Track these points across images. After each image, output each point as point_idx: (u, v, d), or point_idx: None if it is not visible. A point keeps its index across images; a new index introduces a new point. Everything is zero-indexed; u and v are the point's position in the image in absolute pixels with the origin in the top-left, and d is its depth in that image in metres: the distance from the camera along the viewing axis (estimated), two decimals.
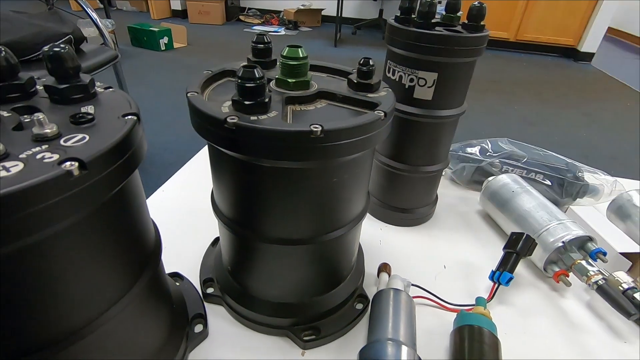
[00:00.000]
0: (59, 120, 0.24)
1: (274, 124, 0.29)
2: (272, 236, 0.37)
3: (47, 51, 0.26)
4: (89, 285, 0.26)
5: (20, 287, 0.22)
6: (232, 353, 0.41)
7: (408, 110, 0.51)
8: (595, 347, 0.44)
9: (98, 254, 0.26)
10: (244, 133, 0.28)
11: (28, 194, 0.18)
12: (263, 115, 0.30)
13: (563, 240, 0.49)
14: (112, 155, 0.23)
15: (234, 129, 0.28)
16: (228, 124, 0.28)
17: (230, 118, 0.28)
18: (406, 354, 0.35)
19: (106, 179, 0.23)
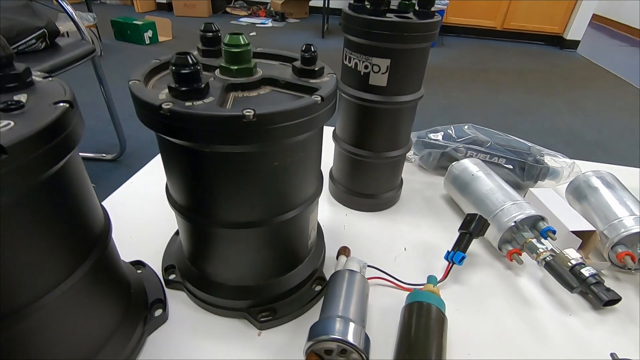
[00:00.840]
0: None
1: (208, 109, 0.30)
2: (223, 220, 0.38)
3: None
4: (26, 266, 0.26)
5: None
6: (192, 336, 0.42)
7: (365, 97, 0.52)
8: (543, 320, 0.46)
9: (34, 236, 0.26)
10: (179, 118, 0.29)
11: None
12: (198, 101, 0.30)
13: (515, 220, 0.51)
14: (36, 140, 0.23)
15: (169, 114, 0.29)
16: (163, 110, 0.29)
17: (165, 104, 0.29)
18: (353, 330, 0.36)
19: (32, 163, 0.23)
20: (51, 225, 0.28)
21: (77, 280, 0.30)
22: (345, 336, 0.35)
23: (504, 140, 0.69)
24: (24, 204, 0.25)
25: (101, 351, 0.35)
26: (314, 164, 0.40)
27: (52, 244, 0.28)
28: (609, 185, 0.58)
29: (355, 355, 0.35)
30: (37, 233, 0.27)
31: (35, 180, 0.24)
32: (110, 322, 0.36)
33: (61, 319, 0.30)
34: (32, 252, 0.26)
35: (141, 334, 0.39)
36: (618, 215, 0.53)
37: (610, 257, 0.52)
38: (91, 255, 0.32)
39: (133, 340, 0.38)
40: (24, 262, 0.26)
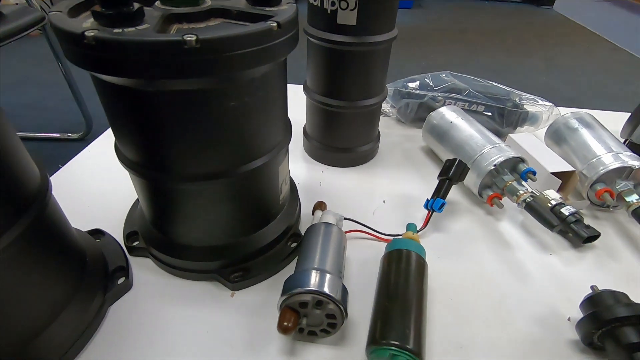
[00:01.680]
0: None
1: (141, 35, 0.25)
2: (180, 174, 0.34)
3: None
4: None
5: None
6: (160, 302, 0.39)
7: (334, 39, 0.48)
8: (523, 261, 0.45)
9: None
10: (106, 48, 0.25)
11: None
12: (130, 28, 0.26)
13: (495, 163, 0.49)
14: None
15: (94, 44, 0.25)
16: (87, 39, 0.25)
17: (89, 32, 0.25)
18: (329, 281, 0.34)
19: None
20: None
21: (10, 243, 0.26)
22: (321, 288, 0.33)
23: (483, 86, 0.67)
24: None
25: (54, 322, 0.32)
26: (278, 107, 0.37)
27: None
28: (588, 125, 0.57)
29: (331, 306, 0.33)
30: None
31: None
32: (61, 291, 0.33)
33: None
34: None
35: (101, 303, 0.36)
36: (597, 153, 0.52)
37: (589, 195, 0.52)
38: (26, 215, 0.28)
39: (91, 310, 0.35)
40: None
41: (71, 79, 1.46)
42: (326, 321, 0.34)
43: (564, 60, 2.59)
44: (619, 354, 0.32)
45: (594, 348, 0.35)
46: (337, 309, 0.33)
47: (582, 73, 2.35)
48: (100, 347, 0.35)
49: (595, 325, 0.33)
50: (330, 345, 0.36)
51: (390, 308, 0.34)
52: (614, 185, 0.50)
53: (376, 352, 0.31)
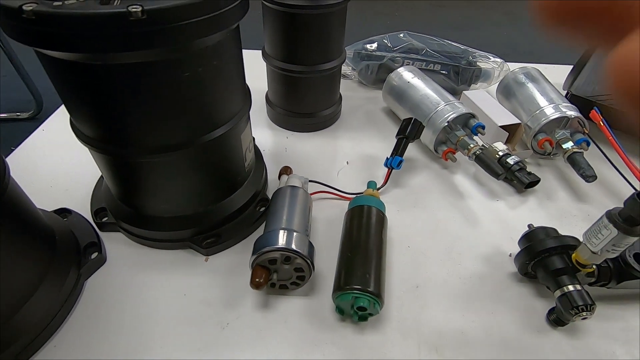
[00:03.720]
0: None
1: (84, 7, 0.25)
2: (141, 147, 0.35)
3: None
4: None
5: None
6: (135, 273, 0.41)
7: (290, 2, 0.47)
8: (474, 208, 0.50)
9: None
10: (47, 22, 0.24)
11: None
12: (71, 0, 0.25)
13: (448, 120, 0.52)
14: None
15: (34, 18, 0.24)
16: (26, 13, 0.24)
17: (27, 5, 0.24)
18: (296, 238, 0.37)
19: None
20: None
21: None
22: (289, 245, 0.36)
23: (439, 45, 0.69)
24: None
25: (29, 300, 0.33)
26: (234, 75, 0.37)
27: None
28: (534, 79, 0.61)
29: (299, 261, 0.36)
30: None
31: None
32: (32, 270, 0.33)
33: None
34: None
35: (76, 278, 0.37)
36: (540, 105, 0.56)
37: (532, 145, 0.56)
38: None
39: (67, 285, 0.36)
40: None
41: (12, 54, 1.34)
42: (295, 275, 0.37)
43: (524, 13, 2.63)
44: (547, 279, 0.37)
45: (528, 277, 0.41)
46: (305, 263, 0.36)
47: None
48: (80, 319, 0.37)
49: (528, 257, 0.38)
50: (301, 296, 0.39)
51: (353, 258, 0.38)
52: (553, 134, 0.55)
53: (341, 297, 0.35)
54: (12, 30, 0.26)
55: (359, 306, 0.34)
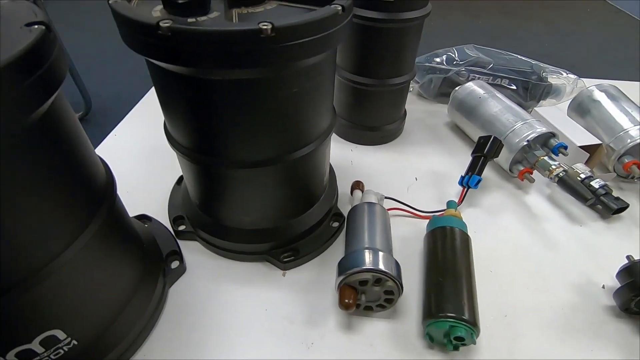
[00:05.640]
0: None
1: (216, 24, 0.25)
2: (235, 160, 0.35)
3: None
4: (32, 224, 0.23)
5: None
6: (214, 283, 0.41)
7: (370, 16, 0.47)
8: (555, 232, 0.47)
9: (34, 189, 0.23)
10: (182, 38, 0.24)
11: None
12: (202, 17, 0.25)
13: (528, 139, 0.50)
14: (18, 69, 0.19)
15: (170, 34, 0.24)
16: (162, 29, 0.24)
17: (164, 22, 0.24)
18: (383, 258, 0.36)
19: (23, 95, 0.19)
20: (50, 177, 0.24)
21: (91, 237, 0.27)
22: (377, 266, 0.35)
23: (506, 60, 0.67)
24: (18, 151, 0.21)
25: (128, 305, 0.33)
26: (330, 91, 0.37)
27: (55, 198, 0.24)
28: (613, 97, 0.58)
29: (390, 283, 0.35)
30: (36, 186, 0.23)
31: (25, 120, 0.20)
32: (131, 277, 0.34)
33: (82, 277, 0.28)
34: (34, 207, 0.23)
35: (163, 286, 0.38)
36: (623, 126, 0.53)
37: (616, 168, 0.53)
38: (100, 210, 0.28)
39: (157, 292, 0.36)
40: (30, 221, 0.23)
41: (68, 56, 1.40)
42: (384, 297, 0.36)
43: (565, 23, 2.55)
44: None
45: (629, 313, 0.38)
46: (395, 285, 0.35)
47: (584, 37, 2.32)
48: (165, 327, 0.37)
49: (634, 292, 0.36)
50: (385, 319, 0.38)
51: (443, 282, 0.36)
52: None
53: (434, 325, 0.34)
54: (141, 45, 0.27)
55: (456, 336, 0.33)
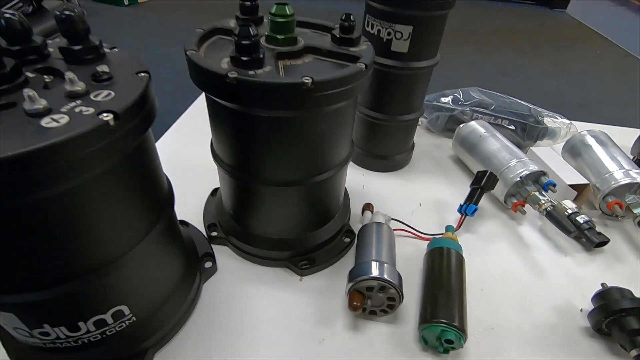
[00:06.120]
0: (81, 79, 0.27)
1: (270, 77, 0.33)
2: (268, 179, 0.42)
3: (59, 14, 0.29)
4: (119, 223, 0.30)
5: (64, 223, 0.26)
6: (240, 284, 0.47)
7: (386, 63, 0.55)
8: (542, 260, 0.53)
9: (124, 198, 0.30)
10: (244, 86, 0.32)
11: (78, 140, 0.22)
12: (259, 70, 0.33)
13: (520, 176, 0.56)
14: (136, 108, 0.26)
15: (235, 83, 0.32)
16: (229, 79, 0.32)
17: (231, 73, 0.32)
18: (387, 269, 0.42)
19: (133, 129, 0.27)
20: (136, 187, 0.31)
21: (156, 235, 0.34)
22: (382, 275, 0.41)
23: (507, 103, 0.74)
24: (119, 169, 0.28)
25: (173, 294, 0.40)
26: (350, 128, 0.44)
27: (137, 203, 0.32)
28: (602, 142, 0.64)
29: (392, 291, 0.41)
30: (125, 196, 0.30)
31: (132, 146, 0.28)
32: (177, 270, 0.41)
33: (145, 266, 0.35)
34: (119, 212, 0.30)
35: (199, 281, 0.44)
36: (609, 169, 0.59)
37: (601, 206, 0.59)
38: (164, 214, 0.36)
39: (194, 286, 0.43)
40: (115, 221, 0.30)
41: None
42: (386, 303, 0.42)
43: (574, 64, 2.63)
44: (622, 338, 0.40)
45: (602, 333, 0.43)
46: (397, 293, 0.41)
47: (592, 78, 2.39)
48: (200, 316, 0.43)
49: (604, 314, 0.41)
50: (386, 323, 0.44)
51: (438, 294, 0.42)
52: (623, 198, 0.57)
53: (428, 329, 0.39)
54: (208, 87, 0.35)
55: (446, 339, 0.38)
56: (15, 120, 0.23)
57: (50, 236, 0.26)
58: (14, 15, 0.28)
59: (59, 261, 0.28)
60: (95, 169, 0.25)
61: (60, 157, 0.22)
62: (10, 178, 0.21)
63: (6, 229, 0.24)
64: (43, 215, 0.25)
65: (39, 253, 0.27)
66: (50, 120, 0.23)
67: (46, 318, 0.30)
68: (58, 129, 0.22)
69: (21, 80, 0.26)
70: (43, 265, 0.27)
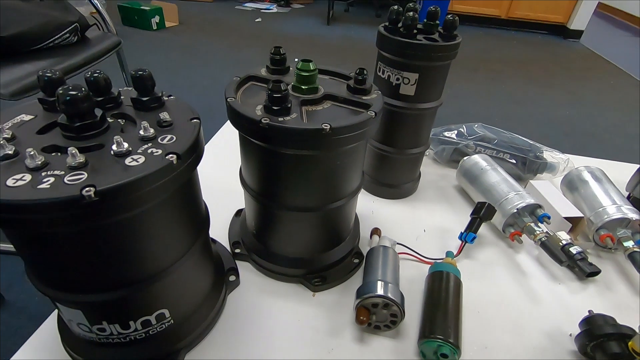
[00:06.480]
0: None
1: (296, 123, 0.40)
2: (289, 205, 0.48)
3: (134, 74, 0.36)
4: (169, 241, 0.37)
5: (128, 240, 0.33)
6: (259, 297, 0.53)
7: (395, 104, 0.62)
8: (537, 287, 0.57)
9: (175, 220, 0.37)
10: (274, 130, 0.39)
11: (152, 176, 0.29)
12: (287, 117, 0.41)
13: (517, 207, 0.61)
14: (192, 149, 0.34)
15: (267, 127, 0.39)
16: (262, 124, 0.39)
17: (264, 119, 0.39)
18: (391, 289, 0.47)
19: (188, 167, 0.34)
20: (184, 211, 0.38)
21: (195, 251, 0.41)
22: (386, 293, 0.46)
23: (509, 138, 0.80)
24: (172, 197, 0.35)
25: (204, 303, 0.46)
26: (361, 162, 0.51)
27: (184, 225, 0.38)
28: (597, 179, 0.69)
29: (395, 308, 0.46)
30: (176, 218, 0.37)
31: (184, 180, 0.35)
32: (209, 281, 0.47)
33: (185, 277, 0.41)
34: (170, 232, 0.37)
35: (224, 292, 0.50)
36: (603, 204, 0.64)
37: (594, 238, 0.63)
38: (202, 232, 0.42)
39: (221, 297, 0.49)
40: (166, 239, 0.37)
41: None
42: (390, 319, 0.47)
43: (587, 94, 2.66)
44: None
45: (587, 357, 0.47)
46: (399, 311, 0.46)
47: (604, 109, 2.41)
48: (224, 325, 0.49)
49: (588, 339, 0.45)
50: (389, 338, 0.49)
51: (436, 313, 0.47)
52: (615, 231, 0.62)
53: (426, 343, 0.44)
54: (244, 129, 0.42)
55: (442, 353, 0.43)
56: (106, 159, 0.30)
57: (116, 250, 0.33)
58: (100, 72, 0.36)
59: (121, 270, 0.35)
60: (158, 198, 0.32)
61: (139, 188, 0.29)
62: (105, 204, 0.28)
63: (85, 242, 0.31)
64: (113, 233, 0.32)
65: (106, 263, 0.33)
66: (131, 160, 0.30)
67: (105, 316, 0.37)
68: (138, 167, 0.29)
69: (105, 126, 0.34)
70: (108, 272, 0.34)
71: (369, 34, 3.50)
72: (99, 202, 0.27)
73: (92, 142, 0.32)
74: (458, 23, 0.57)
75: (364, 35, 3.47)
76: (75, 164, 0.29)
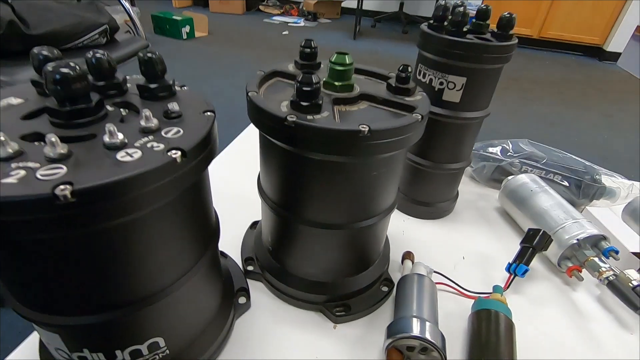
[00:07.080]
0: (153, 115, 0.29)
1: (327, 123, 0.33)
2: (312, 220, 0.41)
3: (142, 56, 0.31)
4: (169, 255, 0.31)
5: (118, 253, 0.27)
6: (272, 323, 0.46)
7: (436, 112, 0.55)
8: (602, 336, 0.48)
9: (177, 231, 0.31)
10: (302, 130, 0.33)
11: (148, 175, 0.23)
12: (317, 115, 0.34)
13: (578, 238, 0.52)
14: (201, 146, 0.27)
15: (293, 126, 0.33)
16: (288, 122, 0.33)
17: (290, 117, 0.33)
18: (429, 328, 0.39)
19: (195, 166, 0.27)
20: (189, 220, 0.32)
21: (200, 268, 0.34)
22: (424, 334, 0.38)
23: (560, 157, 0.71)
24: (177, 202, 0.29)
25: (206, 330, 0.39)
26: (398, 175, 0.43)
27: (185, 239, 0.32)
28: None
29: (435, 354, 0.38)
30: (178, 229, 0.31)
31: (190, 183, 0.28)
32: (215, 304, 0.40)
33: (189, 299, 0.35)
34: (171, 245, 0.30)
35: (232, 316, 0.43)
36: None
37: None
38: (210, 246, 0.36)
39: (228, 322, 0.42)
40: (165, 254, 0.30)
41: None
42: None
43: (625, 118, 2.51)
44: None
45: None
46: (440, 357, 0.38)
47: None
48: (230, 355, 0.42)
49: None
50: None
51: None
52: None
53: None
54: (266, 128, 0.36)
55: None
56: (94, 152, 0.24)
57: (104, 264, 0.27)
58: (104, 55, 0.31)
59: (108, 288, 0.28)
60: (158, 203, 0.26)
61: (131, 190, 0.23)
62: (85, 207, 0.22)
63: (62, 254, 0.25)
64: (100, 244, 0.26)
65: (91, 279, 0.27)
66: (125, 154, 0.24)
67: (87, 343, 0.31)
68: (132, 163, 0.23)
69: (102, 113, 0.28)
70: (92, 291, 0.28)
71: (396, 49, 3.46)
72: (76, 204, 0.21)
73: (84, 131, 0.26)
74: (515, 22, 0.50)
75: (391, 50, 3.43)
76: (55, 156, 0.23)
